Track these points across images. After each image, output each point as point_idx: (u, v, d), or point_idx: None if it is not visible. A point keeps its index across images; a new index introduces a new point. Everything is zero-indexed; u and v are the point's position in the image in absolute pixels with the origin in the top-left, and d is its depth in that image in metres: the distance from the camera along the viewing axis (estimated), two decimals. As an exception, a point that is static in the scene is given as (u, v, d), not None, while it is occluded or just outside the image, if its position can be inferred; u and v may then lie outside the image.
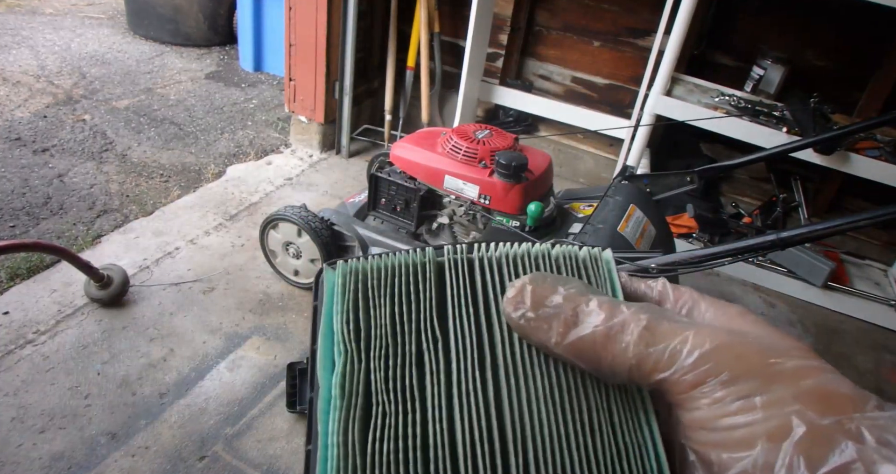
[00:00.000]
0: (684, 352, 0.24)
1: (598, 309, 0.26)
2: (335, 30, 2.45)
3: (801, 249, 2.22)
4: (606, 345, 0.26)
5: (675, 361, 0.24)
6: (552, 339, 0.27)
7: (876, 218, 1.12)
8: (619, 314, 0.26)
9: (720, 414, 0.23)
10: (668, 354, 0.24)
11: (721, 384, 0.23)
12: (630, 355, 0.25)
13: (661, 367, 0.24)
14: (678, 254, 1.26)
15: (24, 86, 3.04)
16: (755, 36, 2.43)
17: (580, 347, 0.26)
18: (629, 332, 0.25)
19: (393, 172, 1.77)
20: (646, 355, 0.25)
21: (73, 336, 1.68)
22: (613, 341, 0.25)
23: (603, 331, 0.26)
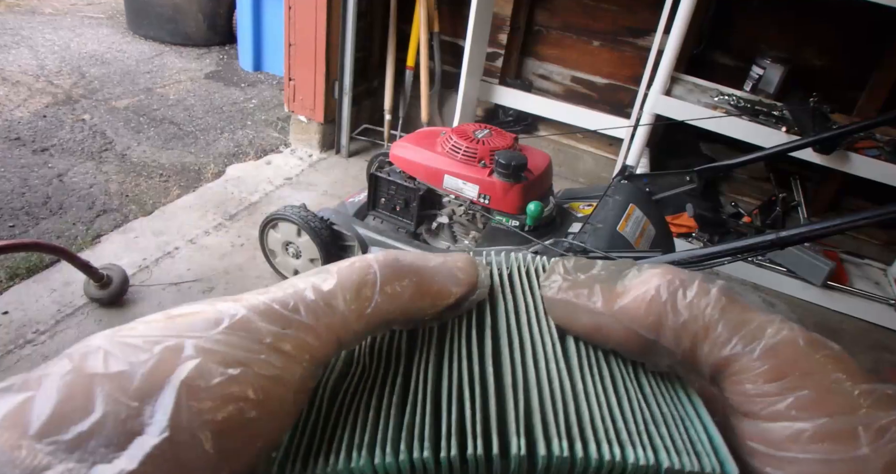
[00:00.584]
0: (769, 331, 0.21)
1: (652, 267, 0.23)
2: (335, 29, 2.45)
3: (800, 249, 2.22)
4: (671, 301, 0.22)
5: (756, 338, 0.21)
6: (598, 304, 0.23)
7: (875, 217, 1.12)
8: (683, 272, 0.22)
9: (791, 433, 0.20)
10: (750, 328, 0.21)
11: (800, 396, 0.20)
12: (703, 315, 0.21)
13: (735, 341, 0.21)
14: (677, 254, 1.26)
15: (24, 85, 3.04)
16: (754, 35, 2.43)
17: (636, 308, 0.22)
18: (700, 291, 0.22)
19: (392, 172, 1.77)
20: (720, 320, 0.21)
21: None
22: (679, 298, 0.22)
23: (667, 286, 0.22)
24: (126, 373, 0.17)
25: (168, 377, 0.17)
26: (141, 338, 0.18)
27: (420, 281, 0.23)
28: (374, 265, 0.22)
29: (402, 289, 0.22)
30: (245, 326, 0.19)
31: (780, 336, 0.21)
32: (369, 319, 0.21)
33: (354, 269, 0.22)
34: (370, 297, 0.21)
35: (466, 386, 0.22)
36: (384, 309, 0.22)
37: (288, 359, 0.19)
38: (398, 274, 0.22)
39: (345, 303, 0.21)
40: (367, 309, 0.21)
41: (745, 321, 0.21)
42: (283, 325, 0.20)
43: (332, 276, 0.21)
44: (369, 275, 0.22)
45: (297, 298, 0.20)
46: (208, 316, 0.19)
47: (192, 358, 0.18)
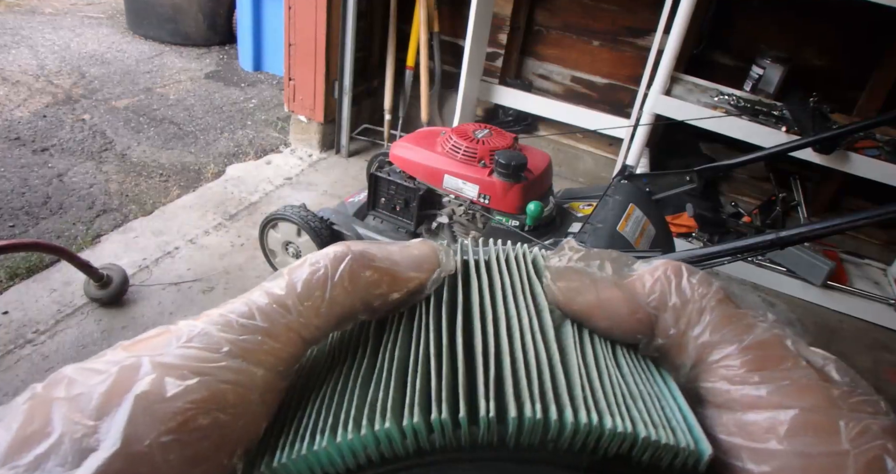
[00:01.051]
0: (760, 327, 0.21)
1: (663, 259, 0.24)
2: (335, 29, 2.45)
3: (800, 249, 2.22)
4: (676, 282, 0.22)
5: (746, 331, 0.21)
6: (609, 274, 0.24)
7: (875, 217, 1.12)
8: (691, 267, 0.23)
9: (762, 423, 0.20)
10: (742, 323, 0.21)
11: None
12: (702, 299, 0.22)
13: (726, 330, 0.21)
14: (677, 254, 1.26)
15: (24, 85, 3.04)
16: (754, 35, 2.43)
17: (642, 285, 0.23)
18: (703, 281, 0.22)
19: (392, 172, 1.77)
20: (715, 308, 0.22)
21: (72, 335, 1.68)
22: (683, 280, 0.22)
23: (674, 269, 0.23)
24: (84, 395, 0.18)
25: (125, 392, 0.18)
26: (103, 363, 0.19)
27: (375, 269, 0.23)
28: (322, 260, 0.22)
29: (356, 279, 0.22)
30: (202, 339, 0.19)
31: (769, 333, 0.21)
32: (329, 313, 0.22)
33: (304, 268, 0.22)
34: (322, 293, 0.21)
35: (433, 358, 0.22)
36: (341, 301, 0.22)
37: (248, 364, 0.19)
38: (352, 265, 0.22)
39: (298, 302, 0.21)
40: (322, 304, 0.21)
41: (739, 315, 0.22)
42: (239, 333, 0.20)
43: (283, 278, 0.22)
44: (319, 271, 0.22)
45: (251, 306, 0.21)
46: (169, 336, 0.20)
47: (147, 374, 0.18)
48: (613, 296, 0.23)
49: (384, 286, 0.23)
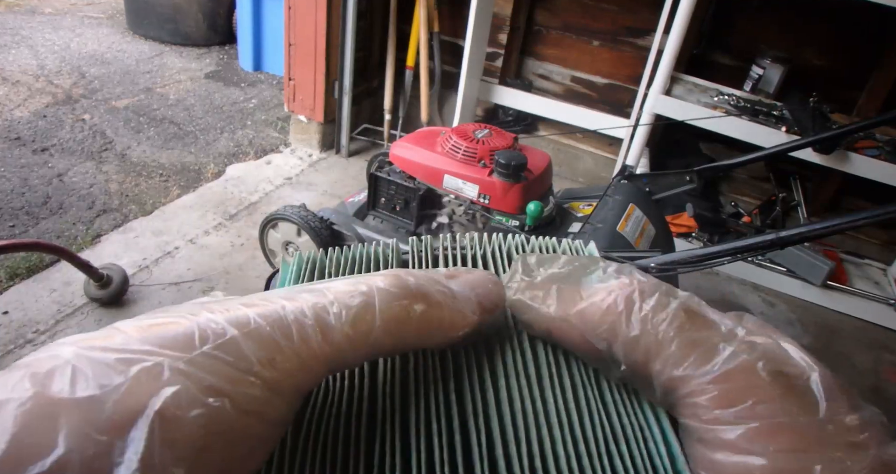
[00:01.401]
0: (725, 353, 0.19)
1: (618, 274, 0.22)
2: (335, 29, 2.45)
3: (800, 248, 2.22)
4: (626, 313, 0.20)
5: (709, 360, 0.19)
6: (553, 308, 0.22)
7: (875, 217, 1.12)
8: (646, 281, 0.21)
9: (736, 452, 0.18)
10: (705, 348, 0.19)
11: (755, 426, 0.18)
12: (656, 331, 0.20)
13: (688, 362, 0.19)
14: (677, 254, 1.26)
15: (24, 85, 3.04)
16: (754, 35, 2.43)
17: (592, 315, 0.21)
18: (659, 304, 0.20)
19: (392, 172, 1.77)
20: (674, 338, 0.20)
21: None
22: (635, 310, 0.20)
23: (624, 296, 0.21)
24: (96, 400, 0.15)
25: (143, 405, 0.15)
26: (115, 354, 0.16)
27: (429, 308, 0.20)
28: (374, 291, 0.19)
29: (407, 318, 0.20)
30: (231, 349, 0.17)
31: (736, 361, 0.19)
32: (365, 351, 0.19)
33: (356, 293, 0.19)
34: (369, 328, 0.19)
35: (433, 418, 0.21)
36: (384, 342, 0.19)
37: (272, 393, 0.17)
38: (405, 300, 0.20)
39: (341, 334, 0.19)
40: (365, 340, 0.19)
41: (701, 341, 0.20)
42: (272, 352, 0.17)
43: (328, 297, 0.19)
44: (370, 302, 0.19)
45: (290, 320, 0.18)
46: (190, 330, 0.17)
47: (170, 385, 0.16)
48: (563, 326, 0.22)
49: (436, 329, 0.20)
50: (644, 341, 0.20)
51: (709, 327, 0.20)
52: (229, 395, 0.16)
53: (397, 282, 0.20)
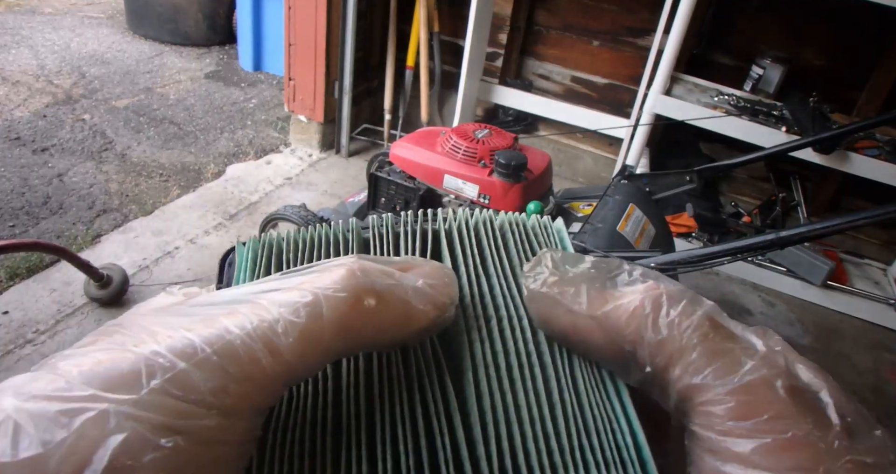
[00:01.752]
0: (746, 365, 0.19)
1: (644, 277, 0.22)
2: (335, 29, 2.45)
3: (800, 248, 2.22)
4: (653, 316, 0.20)
5: (730, 372, 0.19)
6: (583, 305, 0.21)
7: (875, 217, 1.12)
8: (672, 287, 0.21)
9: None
10: (727, 359, 0.19)
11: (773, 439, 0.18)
12: (681, 337, 0.20)
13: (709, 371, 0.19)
14: (677, 254, 1.26)
15: (24, 85, 3.04)
16: (754, 35, 2.43)
17: (619, 317, 0.21)
18: (685, 312, 0.20)
19: (392, 172, 1.77)
20: (697, 345, 0.20)
21: (72, 335, 1.68)
22: (662, 314, 0.20)
23: (652, 300, 0.21)
24: (39, 460, 0.14)
25: (89, 460, 0.14)
26: (58, 404, 0.15)
27: (381, 306, 0.19)
28: (321, 299, 0.19)
29: (358, 321, 0.19)
30: (180, 383, 0.16)
31: (757, 374, 0.19)
32: (319, 359, 0.19)
33: (300, 306, 0.18)
34: (319, 340, 0.18)
35: (398, 422, 0.21)
36: (336, 348, 0.19)
37: (229, 419, 0.17)
38: (355, 302, 0.19)
39: (291, 352, 0.18)
40: (316, 352, 0.18)
41: (724, 351, 0.20)
42: (222, 380, 0.17)
43: (272, 314, 0.18)
44: (317, 312, 0.18)
45: (236, 345, 0.17)
46: (136, 367, 0.16)
47: (118, 433, 0.15)
48: (588, 325, 0.22)
49: (393, 329, 0.20)
50: (669, 346, 0.20)
51: (731, 339, 0.20)
52: (183, 431, 0.16)
53: (346, 283, 0.19)
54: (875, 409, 1.92)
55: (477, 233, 0.27)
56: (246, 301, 0.19)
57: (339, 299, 0.19)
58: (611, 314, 0.21)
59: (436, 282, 0.22)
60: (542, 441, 0.21)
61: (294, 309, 0.18)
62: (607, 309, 0.21)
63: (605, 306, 0.21)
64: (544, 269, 0.23)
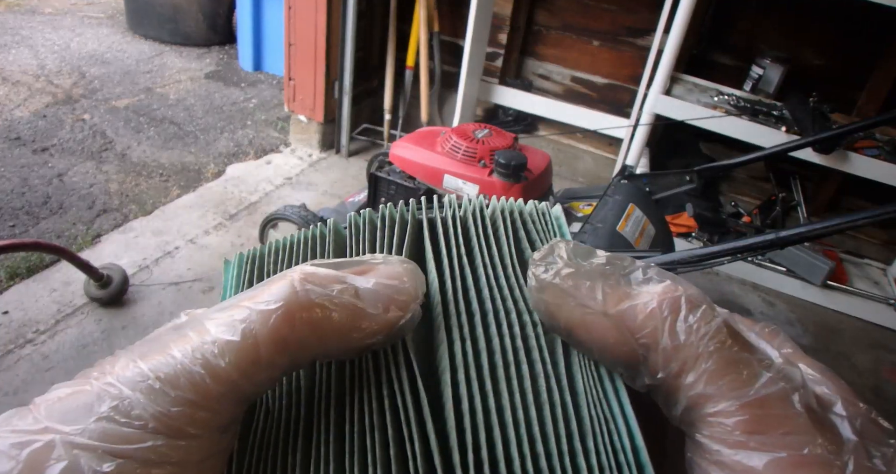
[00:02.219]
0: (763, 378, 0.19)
1: (660, 277, 0.21)
2: (335, 29, 2.45)
3: (800, 248, 2.22)
4: (672, 320, 0.19)
5: (746, 384, 0.18)
6: (598, 301, 0.20)
7: (875, 217, 1.12)
8: (691, 290, 0.20)
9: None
10: (744, 371, 0.19)
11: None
12: (698, 344, 0.19)
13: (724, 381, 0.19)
14: (677, 253, 1.26)
15: (24, 85, 3.04)
16: (754, 35, 2.43)
17: (635, 317, 0.20)
18: (704, 317, 0.19)
19: (392, 171, 1.77)
20: (714, 353, 0.19)
21: (72, 335, 1.68)
22: (680, 318, 0.19)
23: (670, 303, 0.20)
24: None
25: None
26: (13, 437, 0.17)
27: (326, 315, 0.19)
28: (253, 315, 0.19)
29: (298, 335, 0.19)
30: (125, 411, 0.17)
31: (774, 387, 0.19)
32: (266, 375, 0.19)
33: (234, 324, 0.19)
34: (256, 357, 0.18)
35: (367, 434, 0.20)
36: (280, 362, 0.19)
37: (179, 439, 0.18)
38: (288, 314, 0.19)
39: (228, 371, 0.18)
40: (258, 368, 0.19)
41: (741, 362, 0.19)
42: (164, 404, 0.17)
43: (210, 335, 0.19)
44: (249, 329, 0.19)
45: (178, 369, 0.18)
46: (90, 398, 0.17)
47: (58, 461, 0.16)
48: (600, 322, 0.21)
49: (345, 336, 0.20)
50: (684, 353, 0.19)
51: (748, 349, 0.19)
52: (128, 455, 0.17)
53: (280, 295, 0.19)
54: (875, 409, 1.92)
55: (464, 223, 0.26)
56: (197, 323, 0.19)
57: (271, 313, 0.19)
58: (626, 313, 0.20)
59: (393, 281, 0.21)
60: (528, 445, 0.20)
61: (230, 327, 0.19)
62: (623, 307, 0.20)
63: (621, 304, 0.20)
64: (558, 260, 0.22)
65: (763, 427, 0.18)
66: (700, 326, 0.19)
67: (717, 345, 0.19)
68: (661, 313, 0.20)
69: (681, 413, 0.20)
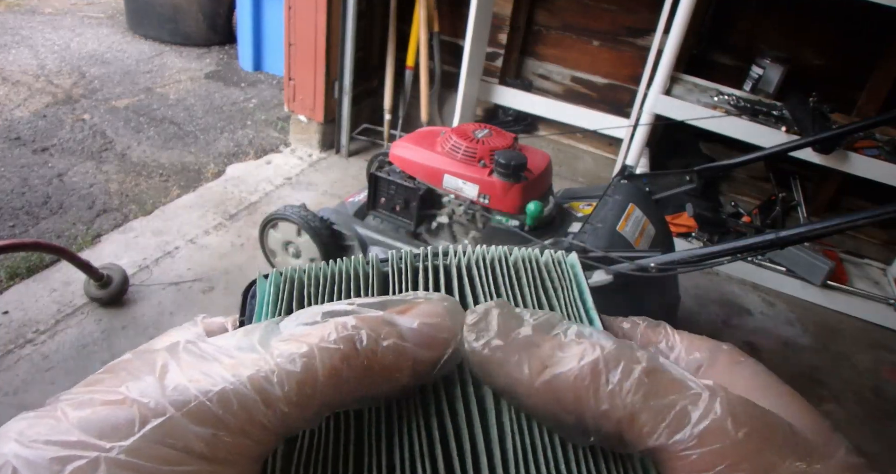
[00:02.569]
0: (694, 416, 0.19)
1: (579, 339, 0.21)
2: (334, 29, 2.45)
3: (800, 248, 2.22)
4: (593, 387, 0.20)
5: (681, 426, 0.19)
6: (524, 374, 0.21)
7: (875, 217, 1.12)
8: (608, 347, 0.21)
9: None
10: (674, 415, 0.19)
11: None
12: (625, 404, 0.20)
13: (661, 431, 0.19)
14: (677, 254, 1.26)
15: (24, 85, 3.04)
16: (754, 35, 2.43)
17: (558, 388, 0.20)
18: (624, 373, 0.20)
19: (392, 172, 1.77)
20: (643, 409, 0.19)
21: (72, 335, 1.68)
22: (602, 383, 0.20)
23: (590, 368, 0.20)
24: None
25: None
26: (52, 450, 0.16)
27: (375, 358, 0.20)
28: (315, 352, 0.19)
29: (354, 374, 0.19)
30: (171, 432, 0.17)
31: (707, 421, 0.19)
32: (315, 411, 0.19)
33: (296, 356, 0.19)
34: (313, 389, 0.19)
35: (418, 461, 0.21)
36: (331, 400, 0.19)
37: (219, 466, 0.17)
38: (347, 357, 0.19)
39: (284, 399, 0.18)
40: (310, 404, 0.19)
41: (670, 405, 0.20)
42: (213, 429, 0.17)
43: (269, 364, 0.19)
44: (312, 363, 0.19)
45: (229, 393, 0.18)
46: (129, 413, 0.17)
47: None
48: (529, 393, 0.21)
49: (389, 378, 0.20)
50: (614, 415, 0.20)
51: (675, 389, 0.20)
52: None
53: (338, 336, 0.20)
54: (875, 409, 1.92)
55: (493, 269, 0.27)
56: (249, 349, 0.19)
57: (332, 352, 0.19)
58: (551, 383, 0.20)
59: (435, 319, 0.21)
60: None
61: (290, 359, 0.19)
62: (546, 378, 0.21)
63: (543, 375, 0.21)
64: (490, 330, 0.22)
65: (711, 463, 0.19)
66: (622, 386, 0.20)
67: (643, 397, 0.20)
68: (584, 381, 0.20)
69: (636, 456, 0.21)
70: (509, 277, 0.27)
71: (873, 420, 1.88)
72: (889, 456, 1.76)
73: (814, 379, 1.98)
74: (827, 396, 1.93)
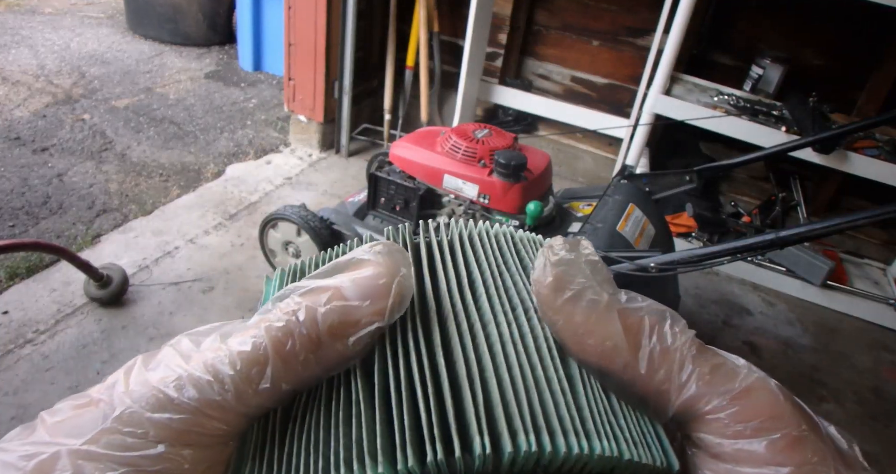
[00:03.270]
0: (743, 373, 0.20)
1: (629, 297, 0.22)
2: (334, 29, 2.45)
3: (799, 248, 2.22)
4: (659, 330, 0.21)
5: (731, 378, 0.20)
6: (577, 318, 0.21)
7: (875, 217, 1.12)
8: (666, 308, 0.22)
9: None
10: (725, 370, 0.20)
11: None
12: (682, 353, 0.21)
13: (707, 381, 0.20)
14: (677, 253, 1.26)
15: (24, 85, 3.04)
16: (754, 35, 2.43)
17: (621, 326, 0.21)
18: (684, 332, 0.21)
19: (392, 171, 1.77)
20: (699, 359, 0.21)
21: (72, 335, 1.68)
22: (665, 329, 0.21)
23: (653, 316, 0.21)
24: None
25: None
26: (20, 451, 0.17)
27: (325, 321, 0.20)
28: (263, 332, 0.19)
29: (304, 345, 0.20)
30: (129, 421, 0.18)
31: (751, 379, 0.20)
32: (276, 389, 0.20)
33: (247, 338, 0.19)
34: (263, 368, 0.19)
35: (418, 386, 0.21)
36: (294, 375, 0.20)
37: (182, 447, 0.18)
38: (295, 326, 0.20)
39: (238, 379, 0.19)
40: (265, 379, 0.19)
41: (719, 363, 0.21)
42: (170, 412, 0.18)
43: (223, 349, 0.19)
44: (260, 343, 0.19)
45: (185, 377, 0.19)
46: (95, 413, 0.18)
47: (64, 470, 0.17)
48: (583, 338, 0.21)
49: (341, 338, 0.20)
50: (670, 356, 0.21)
51: (719, 354, 0.21)
52: (133, 464, 0.17)
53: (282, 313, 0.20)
54: (875, 409, 1.92)
55: (497, 241, 0.27)
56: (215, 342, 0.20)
57: (276, 328, 0.20)
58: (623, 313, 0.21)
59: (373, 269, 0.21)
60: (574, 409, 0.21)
61: (241, 342, 0.19)
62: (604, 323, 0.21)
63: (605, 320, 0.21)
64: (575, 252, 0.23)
65: (754, 414, 0.20)
66: (681, 335, 0.21)
67: (697, 350, 0.21)
68: (644, 325, 0.21)
69: (673, 415, 0.21)
70: (514, 253, 0.27)
71: (873, 420, 1.88)
72: (889, 456, 1.76)
73: (814, 379, 1.98)
74: (827, 396, 1.93)
